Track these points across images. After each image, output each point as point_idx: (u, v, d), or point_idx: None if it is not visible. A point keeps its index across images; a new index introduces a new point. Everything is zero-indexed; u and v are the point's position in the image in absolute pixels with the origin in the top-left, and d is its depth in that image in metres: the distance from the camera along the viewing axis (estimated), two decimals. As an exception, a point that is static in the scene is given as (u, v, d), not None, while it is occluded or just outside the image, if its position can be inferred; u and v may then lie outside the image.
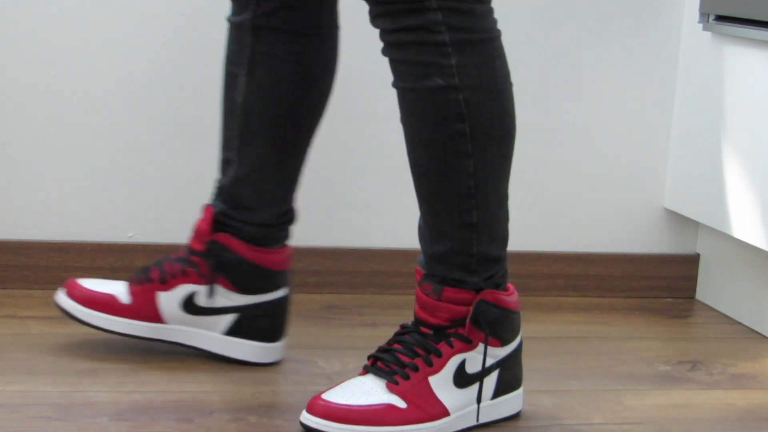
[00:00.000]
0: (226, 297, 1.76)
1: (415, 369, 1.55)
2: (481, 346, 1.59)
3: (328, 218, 2.12)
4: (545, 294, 2.24)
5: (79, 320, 1.76)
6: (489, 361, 1.61)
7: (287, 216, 1.78)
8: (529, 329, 2.05)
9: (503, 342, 1.61)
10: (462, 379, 1.58)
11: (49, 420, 1.53)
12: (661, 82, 2.24)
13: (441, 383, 1.57)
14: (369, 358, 1.59)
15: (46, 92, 2.05)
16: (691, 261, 2.29)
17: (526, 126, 2.21)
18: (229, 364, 1.77)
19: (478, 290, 1.58)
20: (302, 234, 2.12)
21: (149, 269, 1.77)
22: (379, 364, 1.57)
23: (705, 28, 2.13)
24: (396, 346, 1.58)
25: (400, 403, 1.54)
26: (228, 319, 1.76)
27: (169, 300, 1.75)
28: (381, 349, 1.59)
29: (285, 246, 1.78)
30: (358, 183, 2.15)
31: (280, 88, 1.72)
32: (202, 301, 1.76)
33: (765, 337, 2.08)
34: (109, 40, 2.06)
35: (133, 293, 1.75)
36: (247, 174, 1.75)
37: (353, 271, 2.16)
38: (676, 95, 2.25)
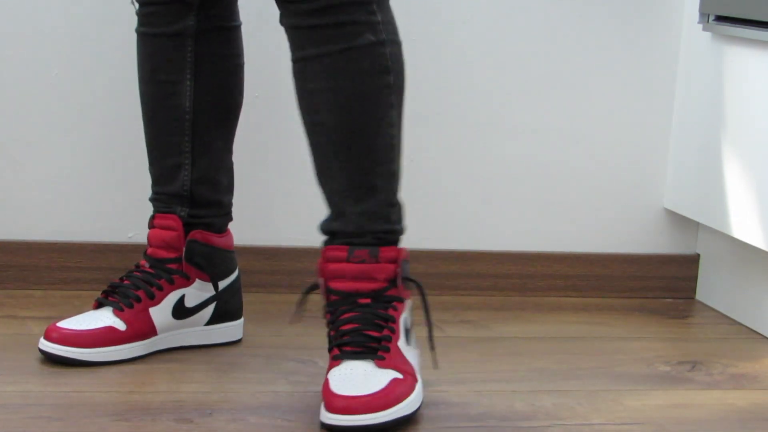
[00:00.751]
0: (206, 290, 1.82)
1: (389, 340, 1.60)
2: (409, 302, 1.66)
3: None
4: (545, 294, 2.24)
5: (86, 362, 1.72)
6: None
7: (231, 196, 1.88)
8: (529, 329, 2.05)
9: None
10: (409, 335, 1.66)
11: (49, 420, 1.53)
12: (661, 83, 2.24)
13: (404, 345, 1.63)
14: (335, 347, 1.61)
15: (46, 92, 2.05)
16: (691, 261, 2.29)
17: (525, 126, 2.21)
18: (229, 365, 1.77)
19: (398, 242, 1.65)
20: (302, 234, 2.12)
21: (126, 292, 1.77)
22: (351, 348, 1.59)
23: (705, 29, 2.13)
24: (354, 326, 1.60)
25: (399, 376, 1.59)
26: (209, 310, 1.83)
27: (161, 312, 1.78)
28: (342, 333, 1.61)
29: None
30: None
31: (225, 83, 1.82)
32: (190, 302, 1.81)
33: (765, 337, 2.08)
34: (109, 40, 2.06)
35: (126, 319, 1.75)
36: (203, 173, 1.81)
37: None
38: (676, 95, 2.25)
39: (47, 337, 1.71)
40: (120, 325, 1.74)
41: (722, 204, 2.10)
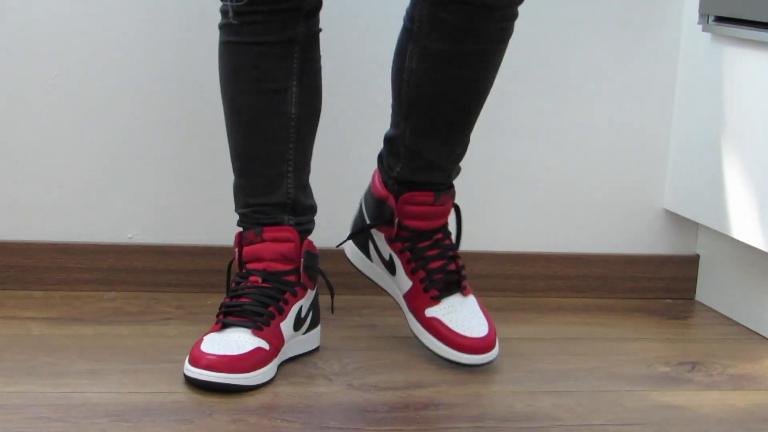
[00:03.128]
0: (310, 298, 1.83)
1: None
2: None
3: (328, 220, 2.11)
4: (545, 295, 2.24)
5: (245, 387, 1.67)
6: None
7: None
8: (529, 330, 2.05)
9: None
10: None
11: (49, 421, 1.53)
12: (661, 83, 2.24)
13: None
14: (434, 289, 1.84)
15: (46, 93, 2.05)
16: (691, 262, 2.29)
17: (525, 127, 2.21)
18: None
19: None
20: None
21: (257, 310, 1.73)
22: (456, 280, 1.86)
23: (705, 29, 2.13)
24: (441, 263, 1.86)
25: None
26: (309, 318, 1.83)
27: (287, 325, 1.76)
28: (432, 272, 1.85)
29: None
30: (357, 184, 2.15)
31: (318, 87, 1.83)
32: (303, 312, 1.80)
33: (764, 338, 2.08)
34: (109, 40, 2.06)
35: (268, 338, 1.71)
36: (305, 179, 1.83)
37: (353, 272, 2.15)
38: (676, 96, 2.25)
39: (195, 364, 1.65)
40: (264, 344, 1.70)
41: (722, 205, 2.10)
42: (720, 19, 2.10)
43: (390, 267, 1.89)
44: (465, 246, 2.21)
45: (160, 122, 2.09)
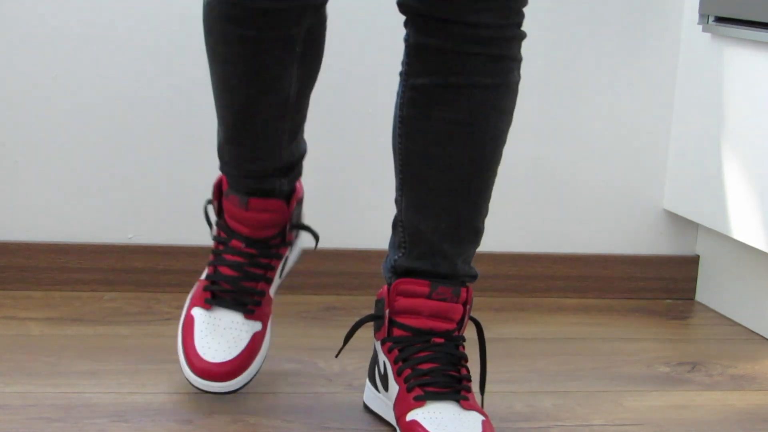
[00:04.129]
0: (293, 247, 1.79)
1: (469, 380, 1.56)
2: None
3: (328, 220, 2.11)
4: (545, 295, 2.24)
5: (250, 381, 1.64)
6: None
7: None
8: (529, 330, 2.05)
9: None
10: None
11: (49, 421, 1.53)
12: (661, 84, 2.24)
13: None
14: (417, 387, 1.53)
15: (46, 94, 2.05)
16: (691, 262, 2.29)
17: (525, 127, 2.21)
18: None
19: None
20: (302, 236, 2.12)
21: (247, 288, 1.67)
22: (434, 389, 1.52)
23: (704, 30, 2.13)
24: (434, 365, 1.54)
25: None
26: (289, 258, 1.78)
27: (274, 285, 1.72)
28: (421, 373, 1.54)
29: None
30: (358, 184, 2.15)
31: (319, 56, 1.64)
32: (288, 262, 1.76)
33: (764, 338, 2.08)
34: (108, 41, 2.06)
35: (259, 318, 1.67)
36: (296, 137, 1.67)
37: (353, 272, 2.16)
38: (676, 96, 2.25)
39: (199, 373, 1.59)
40: (257, 326, 1.65)
41: (722, 205, 2.10)
42: (720, 20, 2.10)
43: (384, 381, 1.60)
44: (465, 246, 2.21)
45: (160, 122, 2.09)
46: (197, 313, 1.66)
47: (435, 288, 1.54)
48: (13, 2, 2.02)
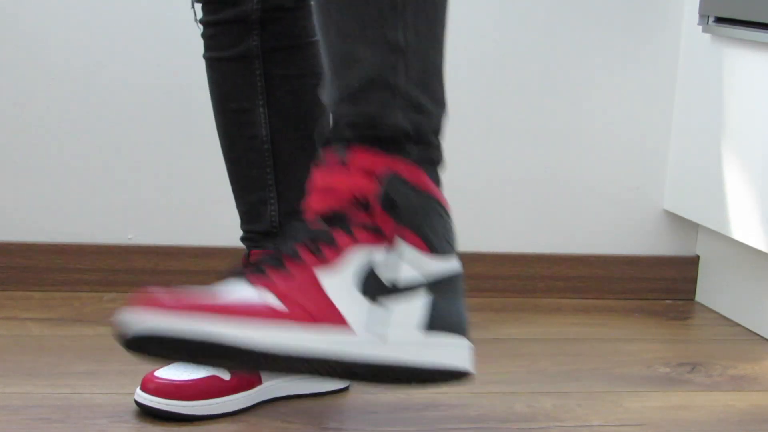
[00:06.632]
0: None
1: (299, 260, 1.24)
2: (401, 244, 1.20)
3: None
4: (545, 296, 2.24)
5: (188, 416, 1.56)
6: (412, 272, 1.21)
7: None
8: (529, 331, 2.05)
9: (433, 249, 1.24)
10: (372, 285, 1.21)
11: (49, 422, 1.53)
12: (661, 84, 2.24)
13: (338, 284, 1.21)
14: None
15: (45, 93, 2.05)
16: (691, 263, 2.29)
17: (525, 127, 2.21)
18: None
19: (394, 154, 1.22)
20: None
21: None
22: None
23: (705, 30, 2.13)
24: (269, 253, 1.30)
25: (277, 303, 1.21)
26: None
27: None
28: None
29: None
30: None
31: (303, 105, 1.61)
32: None
33: (765, 339, 2.08)
34: (108, 42, 2.06)
35: None
36: (292, 206, 1.61)
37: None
38: (676, 97, 2.25)
39: (144, 388, 1.56)
40: (223, 373, 1.58)
41: (722, 206, 2.10)
42: (720, 20, 2.10)
43: None
44: (465, 247, 2.21)
45: (160, 122, 2.09)
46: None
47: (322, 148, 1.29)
48: (13, 2, 2.02)
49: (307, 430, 1.56)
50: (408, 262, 1.22)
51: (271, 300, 1.21)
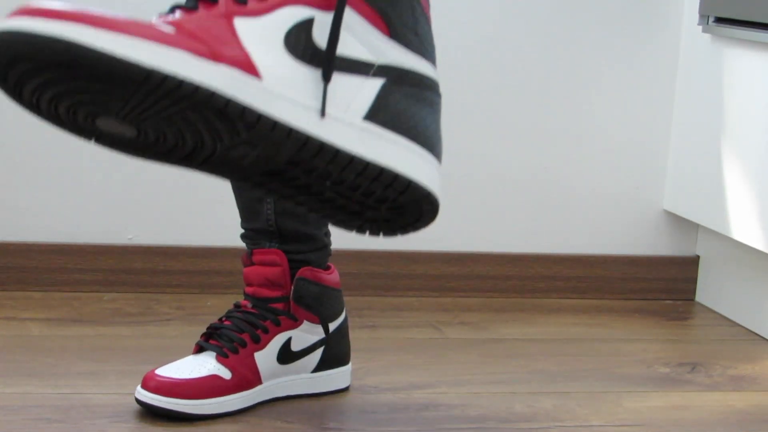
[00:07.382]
0: (314, 333, 1.67)
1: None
2: (352, 14, 1.08)
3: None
4: (545, 296, 2.24)
5: (189, 415, 1.56)
6: (360, 48, 1.06)
7: (327, 228, 1.70)
8: (529, 331, 2.05)
9: (393, 33, 1.12)
10: (302, 45, 1.10)
11: (49, 422, 1.53)
12: (661, 85, 2.24)
13: (257, 32, 1.08)
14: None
15: (46, 94, 2.05)
16: (691, 263, 2.29)
17: (525, 127, 2.21)
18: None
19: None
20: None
21: (229, 335, 1.62)
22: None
23: (705, 30, 2.13)
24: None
25: (171, 30, 1.12)
26: (317, 355, 1.68)
27: (266, 357, 1.63)
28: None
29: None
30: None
31: None
32: (296, 345, 1.66)
33: (765, 339, 2.08)
34: (109, 41, 2.06)
35: (231, 366, 1.59)
36: (287, 205, 1.58)
37: (352, 272, 2.16)
38: (676, 97, 2.25)
39: (145, 386, 1.56)
40: (225, 373, 1.59)
41: (722, 206, 2.10)
42: (720, 20, 2.10)
43: None
44: (466, 247, 2.21)
45: (160, 123, 2.09)
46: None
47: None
48: (13, 2, 2.02)
49: (307, 430, 1.56)
50: (356, 36, 1.08)
51: (166, 28, 1.08)
